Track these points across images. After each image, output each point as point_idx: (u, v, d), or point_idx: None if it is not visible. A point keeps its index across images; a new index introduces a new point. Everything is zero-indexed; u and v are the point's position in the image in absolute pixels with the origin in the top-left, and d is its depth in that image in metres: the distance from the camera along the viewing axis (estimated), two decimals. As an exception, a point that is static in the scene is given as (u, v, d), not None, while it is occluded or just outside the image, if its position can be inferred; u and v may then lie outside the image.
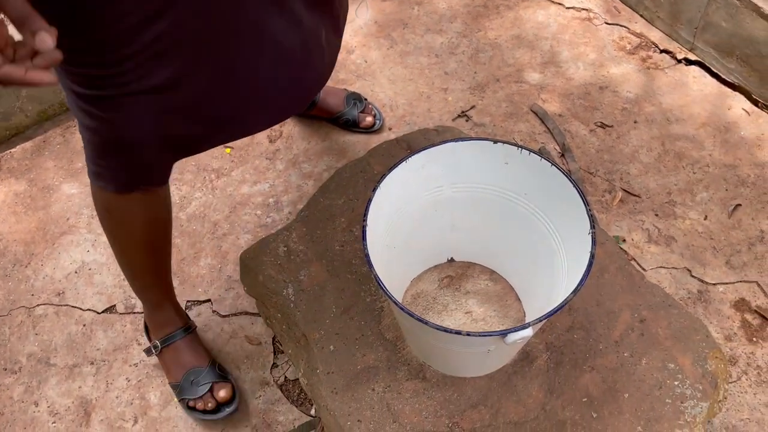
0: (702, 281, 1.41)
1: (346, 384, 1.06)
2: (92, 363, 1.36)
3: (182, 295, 1.44)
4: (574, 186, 0.90)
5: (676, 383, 1.02)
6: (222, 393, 1.25)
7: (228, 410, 1.25)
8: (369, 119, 1.69)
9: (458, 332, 0.80)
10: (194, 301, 1.45)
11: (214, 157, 1.68)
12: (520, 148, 0.95)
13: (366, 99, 1.73)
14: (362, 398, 1.04)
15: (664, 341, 1.07)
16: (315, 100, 1.65)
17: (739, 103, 1.72)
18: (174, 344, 1.28)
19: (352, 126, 1.69)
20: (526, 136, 1.68)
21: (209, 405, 1.25)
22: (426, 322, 0.82)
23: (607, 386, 1.03)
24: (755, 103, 1.71)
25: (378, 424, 1.01)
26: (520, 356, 1.07)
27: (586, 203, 0.89)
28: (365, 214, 0.91)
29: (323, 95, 1.67)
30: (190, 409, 1.26)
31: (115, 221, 1.10)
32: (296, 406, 1.30)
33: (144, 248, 1.16)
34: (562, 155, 1.64)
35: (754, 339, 1.32)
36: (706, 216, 1.51)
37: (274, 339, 1.38)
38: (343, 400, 1.04)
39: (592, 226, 0.87)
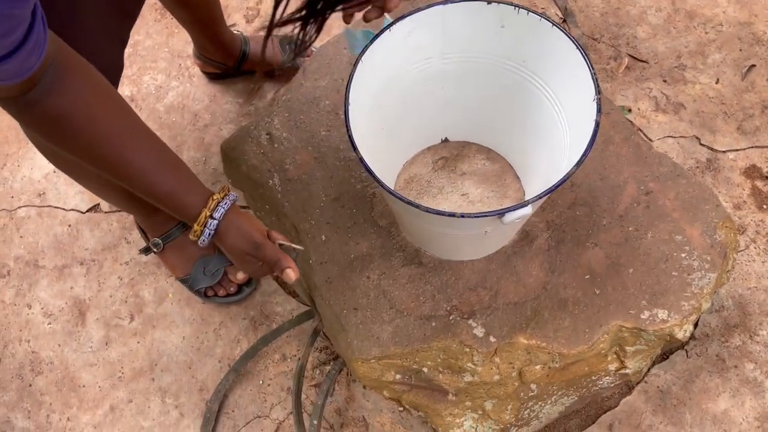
0: (711, 149, 1.34)
1: (340, 273, 1.02)
2: (82, 263, 1.33)
3: (168, 190, 1.38)
4: (577, 48, 0.81)
5: (683, 255, 0.98)
6: (240, 275, 1.19)
7: (248, 290, 1.26)
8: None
9: (452, 214, 0.75)
10: (181, 196, 1.39)
11: (189, 42, 1.56)
12: (517, 8, 0.84)
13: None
14: (357, 286, 1.01)
15: (672, 213, 1.01)
16: (245, 51, 1.43)
17: (758, -48, 1.57)
18: (176, 239, 1.24)
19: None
20: (525, 1, 1.55)
21: (231, 289, 1.25)
22: (418, 206, 0.76)
23: (610, 262, 0.99)
24: (776, -50, 1.56)
25: (374, 312, 0.98)
26: (520, 236, 1.02)
27: (590, 67, 0.80)
28: (347, 93, 0.82)
29: (254, 46, 1.45)
30: (208, 297, 1.25)
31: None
32: (293, 297, 1.27)
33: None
34: (564, 21, 1.51)
35: (765, 206, 1.27)
36: (717, 79, 1.42)
37: (266, 231, 1.34)
38: (338, 289, 1.01)
39: (597, 92, 0.79)
